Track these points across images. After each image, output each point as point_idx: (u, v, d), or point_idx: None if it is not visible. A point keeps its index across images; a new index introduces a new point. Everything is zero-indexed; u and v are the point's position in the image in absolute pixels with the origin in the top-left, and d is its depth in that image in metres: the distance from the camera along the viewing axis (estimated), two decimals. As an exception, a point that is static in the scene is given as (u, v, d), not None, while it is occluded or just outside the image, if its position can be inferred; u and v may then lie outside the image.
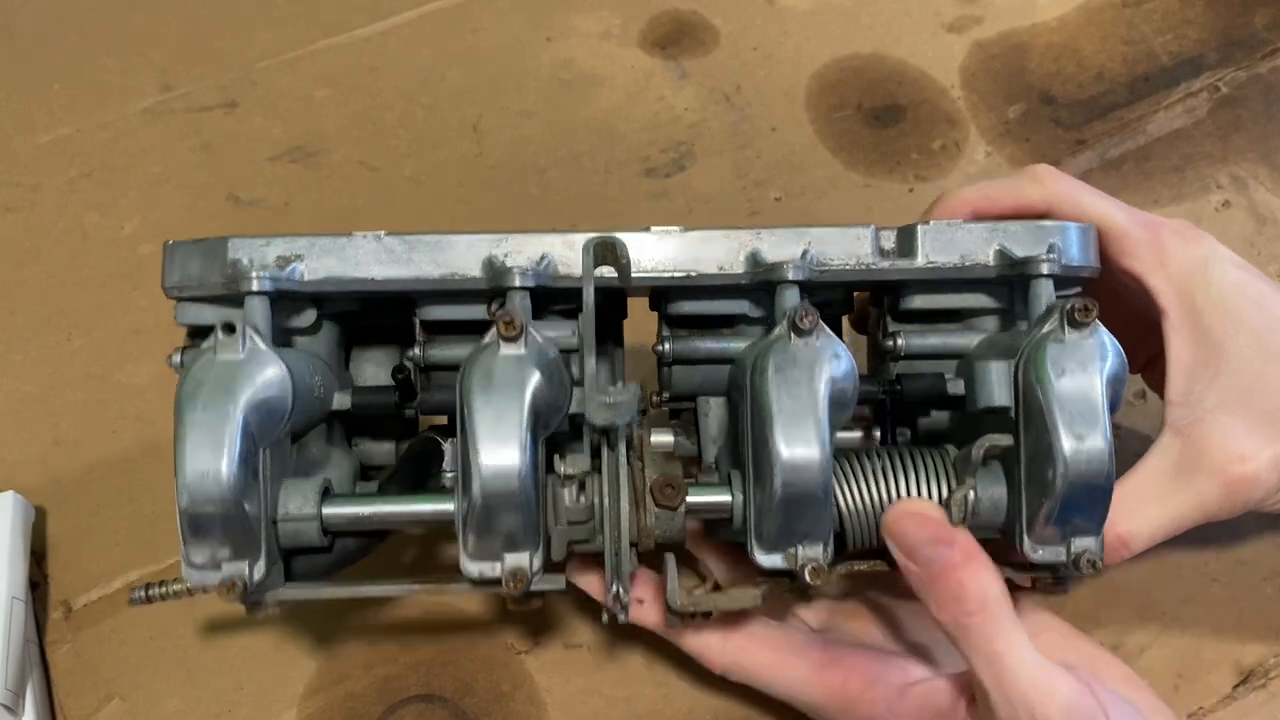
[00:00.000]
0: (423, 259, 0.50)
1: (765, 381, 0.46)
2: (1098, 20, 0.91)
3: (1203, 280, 0.53)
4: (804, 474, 0.46)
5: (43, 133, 0.88)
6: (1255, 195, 0.79)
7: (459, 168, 0.85)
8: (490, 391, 0.45)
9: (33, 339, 0.76)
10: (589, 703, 0.60)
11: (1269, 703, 0.59)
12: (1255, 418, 0.51)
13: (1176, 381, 0.53)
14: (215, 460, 0.44)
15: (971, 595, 0.45)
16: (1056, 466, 0.45)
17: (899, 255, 0.51)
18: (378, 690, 0.61)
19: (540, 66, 0.91)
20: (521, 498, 0.45)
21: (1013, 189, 0.56)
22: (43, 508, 0.68)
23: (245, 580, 0.47)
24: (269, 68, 0.91)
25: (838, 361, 0.47)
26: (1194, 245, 0.53)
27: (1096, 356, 0.46)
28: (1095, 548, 0.47)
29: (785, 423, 0.46)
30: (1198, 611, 0.61)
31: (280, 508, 0.48)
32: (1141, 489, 0.52)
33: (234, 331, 0.46)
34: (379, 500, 0.50)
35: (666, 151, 0.85)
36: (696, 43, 0.92)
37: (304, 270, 0.50)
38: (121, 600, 0.65)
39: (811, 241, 0.51)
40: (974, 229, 0.52)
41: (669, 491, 0.48)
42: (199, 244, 0.50)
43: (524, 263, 0.50)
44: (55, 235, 0.82)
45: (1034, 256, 0.50)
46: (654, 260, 0.51)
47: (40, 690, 0.61)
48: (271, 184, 0.84)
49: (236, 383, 0.45)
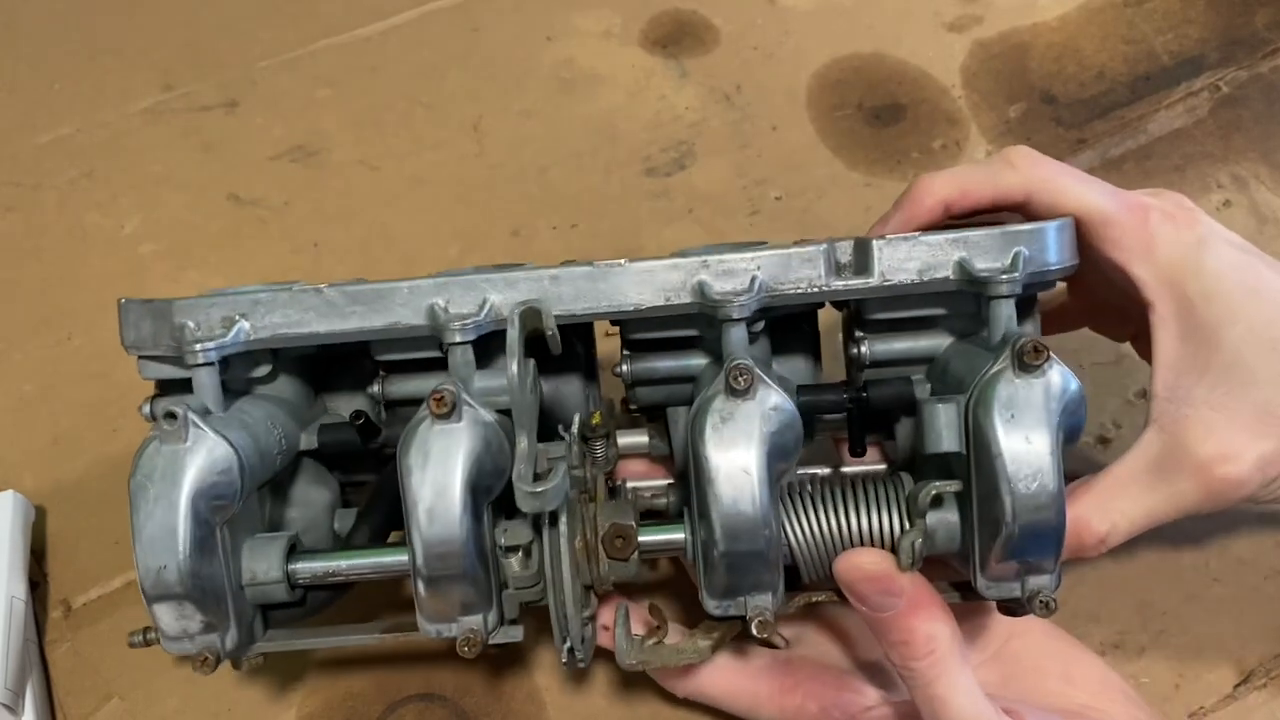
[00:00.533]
0: (365, 311, 0.49)
1: (703, 443, 0.46)
2: (1099, 20, 0.91)
3: (1194, 268, 0.49)
4: (744, 536, 0.46)
5: (43, 132, 0.88)
6: (1256, 195, 0.79)
7: (459, 167, 0.85)
8: (426, 469, 0.46)
9: (33, 338, 0.76)
10: (588, 702, 0.60)
11: (1269, 702, 0.59)
12: (1244, 414, 0.49)
13: (1162, 376, 0.50)
14: (170, 554, 0.46)
15: (919, 641, 0.46)
16: (1005, 513, 0.44)
17: (854, 273, 0.49)
18: (378, 689, 0.61)
19: (541, 66, 0.91)
20: (465, 570, 0.47)
21: (988, 177, 0.52)
22: (42, 507, 0.68)
23: (218, 651, 0.49)
24: (269, 67, 0.91)
25: (776, 414, 0.46)
26: (1185, 229, 0.50)
27: (1047, 399, 0.44)
28: (1050, 586, 0.47)
29: (723, 485, 0.46)
30: (1198, 611, 0.61)
31: (246, 573, 0.50)
32: (1120, 485, 0.51)
33: (177, 419, 0.46)
34: (343, 556, 0.51)
35: (667, 151, 0.85)
36: (697, 42, 0.92)
37: (249, 329, 0.49)
38: (121, 599, 0.65)
39: (761, 267, 0.49)
40: (933, 241, 0.48)
41: (619, 544, 0.49)
42: (147, 306, 0.51)
43: (465, 310, 0.49)
44: (56, 234, 0.82)
45: (994, 274, 0.47)
46: (599, 296, 0.49)
47: (40, 689, 0.61)
48: (272, 183, 0.84)
49: (183, 473, 0.46)
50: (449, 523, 0.46)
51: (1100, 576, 0.62)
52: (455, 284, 0.49)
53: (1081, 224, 0.51)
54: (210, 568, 0.47)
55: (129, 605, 0.65)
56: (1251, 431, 0.48)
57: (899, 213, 0.53)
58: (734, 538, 0.46)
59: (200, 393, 0.49)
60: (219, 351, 0.49)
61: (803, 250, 0.49)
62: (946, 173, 0.52)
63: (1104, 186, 0.51)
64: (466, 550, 0.46)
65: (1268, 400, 0.48)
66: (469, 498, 0.46)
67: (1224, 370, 0.49)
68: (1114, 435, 0.67)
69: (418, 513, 0.46)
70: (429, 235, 0.81)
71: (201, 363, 0.49)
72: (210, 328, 0.49)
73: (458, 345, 0.49)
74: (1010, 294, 0.47)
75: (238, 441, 0.48)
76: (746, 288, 0.48)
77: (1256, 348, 0.48)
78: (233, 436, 0.48)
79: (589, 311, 0.49)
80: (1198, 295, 0.49)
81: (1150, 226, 0.50)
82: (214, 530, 0.47)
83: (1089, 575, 0.62)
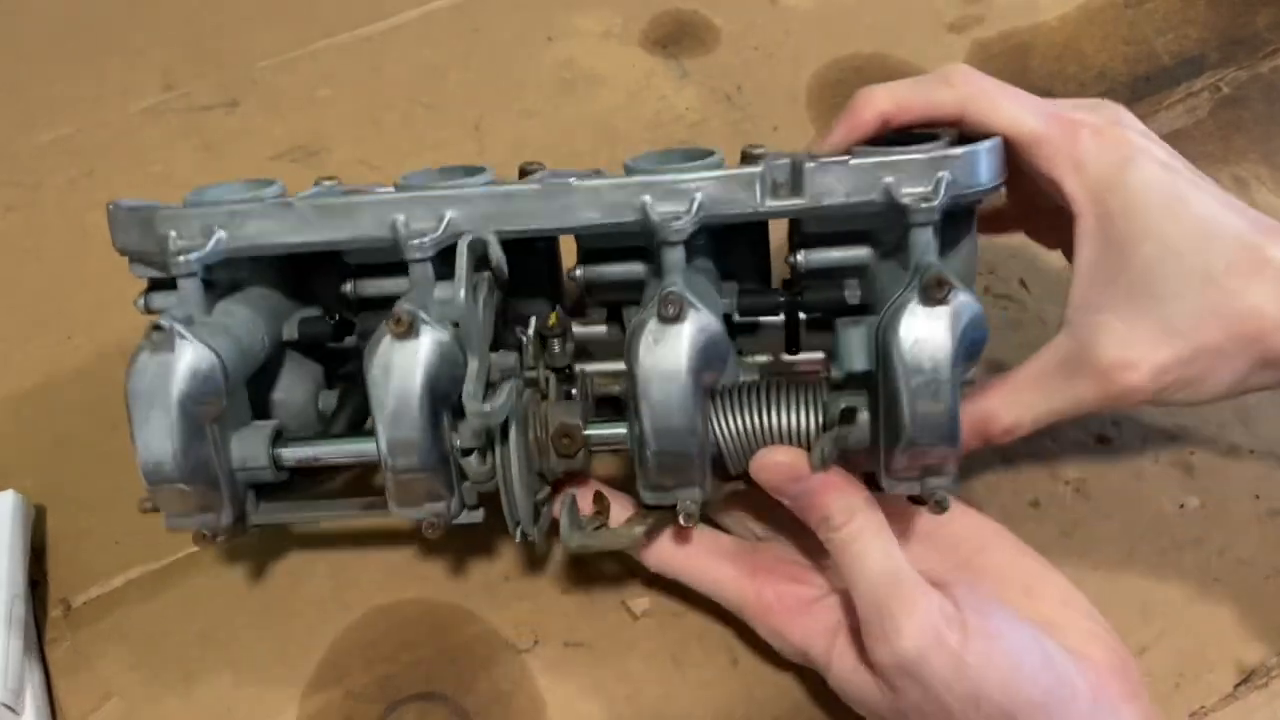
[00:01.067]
0: (333, 223, 0.54)
1: (636, 362, 0.51)
2: (1099, 20, 0.91)
3: (1119, 184, 0.51)
4: (672, 439, 0.51)
5: (44, 132, 0.88)
6: (1257, 195, 0.79)
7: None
8: (388, 382, 0.51)
9: (33, 337, 0.76)
10: (589, 701, 0.60)
11: (1271, 702, 0.59)
12: (1146, 326, 0.51)
13: (1079, 284, 0.53)
14: (165, 450, 0.52)
15: (835, 513, 0.51)
16: (904, 429, 0.49)
17: (789, 193, 0.52)
18: (378, 689, 0.61)
19: (541, 66, 0.91)
20: (426, 465, 0.52)
21: (925, 93, 0.54)
22: (42, 506, 0.68)
23: (215, 528, 0.55)
24: (270, 67, 0.91)
25: (703, 334, 0.51)
26: (1113, 147, 0.52)
27: (948, 326, 0.48)
28: (946, 484, 0.51)
29: (654, 400, 0.51)
30: (1199, 611, 0.61)
31: (236, 460, 0.55)
32: (1028, 382, 0.54)
33: (163, 330, 0.51)
34: (324, 443, 0.57)
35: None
36: (698, 42, 0.92)
37: (226, 239, 0.54)
38: (121, 598, 0.65)
39: (701, 189, 0.52)
40: (862, 165, 0.51)
41: (565, 442, 0.55)
42: (133, 213, 0.55)
43: (424, 226, 0.53)
44: (56, 234, 0.82)
45: (914, 201, 0.50)
46: (549, 214, 0.53)
47: (39, 688, 0.61)
48: (272, 183, 0.84)
49: (171, 380, 0.51)
50: (410, 428, 0.51)
51: (1101, 576, 0.62)
52: (416, 201, 0.53)
53: (1012, 142, 0.53)
54: (202, 458, 0.53)
55: (129, 604, 0.65)
56: (1152, 342, 0.51)
57: (840, 126, 0.55)
58: (663, 440, 0.51)
59: (185, 300, 0.54)
60: (200, 261, 0.53)
61: (741, 173, 0.52)
62: (885, 87, 0.55)
63: (1037, 104, 0.53)
64: (426, 451, 0.52)
65: (1170, 314, 0.51)
66: (428, 406, 0.51)
67: (1133, 283, 0.51)
68: (1113, 435, 0.68)
69: (382, 416, 0.51)
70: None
71: (184, 273, 0.53)
72: (191, 236, 0.53)
73: (417, 262, 0.53)
74: (927, 221, 0.51)
75: (220, 347, 0.52)
76: (686, 209, 0.52)
77: (1165, 264, 0.51)
78: (215, 343, 0.52)
79: (540, 228, 0.53)
80: (1118, 210, 0.51)
81: (1080, 143, 0.52)
82: (203, 425, 0.53)
83: (1089, 575, 0.62)
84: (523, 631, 0.63)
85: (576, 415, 0.55)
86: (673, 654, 0.61)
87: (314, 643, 0.63)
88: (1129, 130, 0.53)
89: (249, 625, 0.63)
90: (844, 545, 0.51)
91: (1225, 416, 0.68)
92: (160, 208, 0.54)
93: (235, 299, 0.57)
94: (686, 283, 0.52)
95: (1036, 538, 0.63)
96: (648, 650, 0.62)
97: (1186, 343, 0.51)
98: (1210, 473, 0.66)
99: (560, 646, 0.62)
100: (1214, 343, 0.51)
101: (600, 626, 0.63)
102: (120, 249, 0.56)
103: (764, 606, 0.56)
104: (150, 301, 0.57)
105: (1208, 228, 0.51)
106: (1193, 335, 0.51)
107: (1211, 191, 0.52)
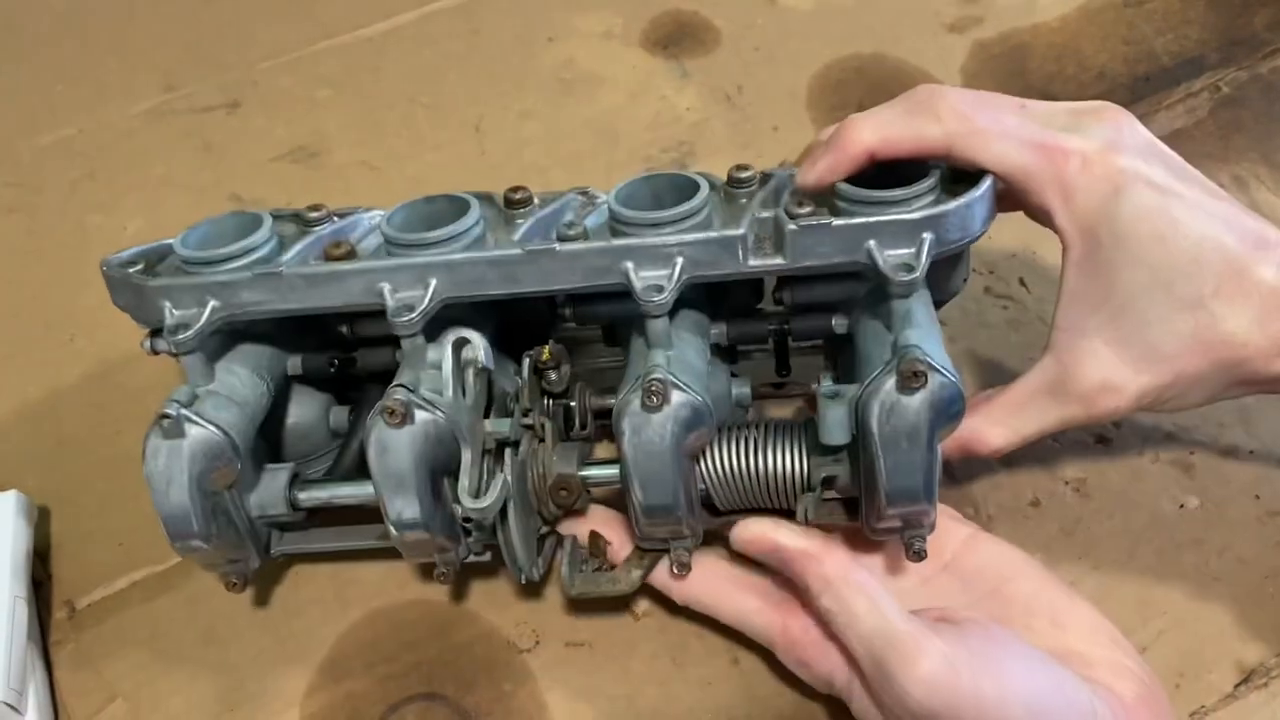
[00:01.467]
0: (322, 291, 0.54)
1: (623, 441, 0.52)
2: (1098, 20, 0.91)
3: (1108, 215, 0.51)
4: (662, 508, 0.54)
5: (45, 133, 0.88)
6: (1256, 195, 0.79)
7: (460, 168, 0.85)
8: (386, 463, 0.52)
9: (36, 340, 0.76)
10: (590, 701, 0.61)
11: (1270, 702, 0.59)
12: (1131, 351, 0.53)
13: (1064, 308, 0.54)
14: (187, 524, 0.54)
15: (813, 581, 0.52)
16: (880, 496, 0.51)
17: (772, 250, 0.53)
18: (379, 689, 0.61)
19: (541, 66, 0.91)
20: (430, 530, 0.54)
21: (912, 128, 0.53)
22: (46, 507, 0.68)
23: (244, 574, 0.58)
24: (271, 68, 0.92)
25: (686, 411, 0.52)
26: (1103, 178, 0.51)
27: (925, 410, 0.49)
28: (923, 537, 0.53)
29: (642, 475, 0.53)
30: (1198, 611, 0.61)
31: (255, 508, 0.57)
32: (1015, 403, 0.56)
33: (172, 418, 0.52)
34: (340, 485, 0.59)
35: (668, 151, 0.85)
36: (698, 43, 0.92)
37: (219, 307, 0.55)
38: (125, 600, 0.65)
39: (683, 254, 0.52)
40: (846, 226, 0.51)
41: (563, 494, 0.56)
42: (126, 282, 0.56)
43: (410, 295, 0.53)
44: (58, 236, 0.82)
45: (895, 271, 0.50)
46: (533, 278, 0.53)
47: (43, 690, 0.61)
48: (273, 184, 0.84)
49: (184, 463, 0.53)
50: (411, 503, 0.53)
51: (1101, 576, 0.62)
52: (401, 269, 0.53)
53: (1002, 177, 0.53)
54: (223, 520, 0.55)
55: (133, 606, 0.65)
56: (1135, 367, 0.53)
57: (825, 158, 0.54)
58: (653, 507, 0.54)
59: (189, 374, 0.55)
60: (197, 336, 0.54)
61: (724, 236, 0.52)
62: (873, 121, 0.54)
63: (1025, 134, 0.53)
64: (429, 518, 0.53)
65: (1155, 340, 0.52)
66: (426, 480, 0.53)
67: (1119, 310, 0.52)
68: (1113, 435, 0.68)
69: (384, 493, 0.53)
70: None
71: (184, 351, 0.54)
72: (186, 306, 0.55)
73: (407, 337, 0.53)
74: (907, 294, 0.51)
75: (227, 422, 0.54)
76: (668, 274, 0.52)
77: (1152, 292, 0.52)
78: (222, 418, 0.54)
79: (524, 291, 0.54)
80: (1107, 238, 0.52)
81: (1068, 177, 0.52)
82: (221, 495, 0.55)
83: (1089, 575, 0.62)
84: (523, 632, 0.63)
85: (574, 462, 0.56)
86: (673, 654, 0.62)
87: (315, 643, 0.63)
88: (1122, 155, 0.52)
89: (251, 626, 0.63)
90: (829, 613, 0.52)
91: (1225, 416, 0.68)
92: (149, 281, 0.55)
93: (234, 357, 0.58)
94: (670, 343, 0.54)
95: (1036, 538, 0.63)
96: (648, 650, 0.62)
97: (1169, 368, 0.52)
98: (1210, 473, 0.66)
99: (561, 647, 0.62)
100: (1195, 369, 0.52)
101: (601, 626, 0.63)
102: (120, 307, 0.58)
103: (790, 639, 0.56)
104: (155, 345, 0.58)
105: (1197, 252, 0.51)
106: (1175, 362, 0.52)
107: (1205, 205, 0.52)
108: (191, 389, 0.55)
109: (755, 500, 0.56)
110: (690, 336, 0.56)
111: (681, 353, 0.55)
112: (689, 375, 0.53)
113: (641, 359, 0.54)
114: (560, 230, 0.54)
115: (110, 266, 0.58)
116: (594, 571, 0.59)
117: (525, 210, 0.58)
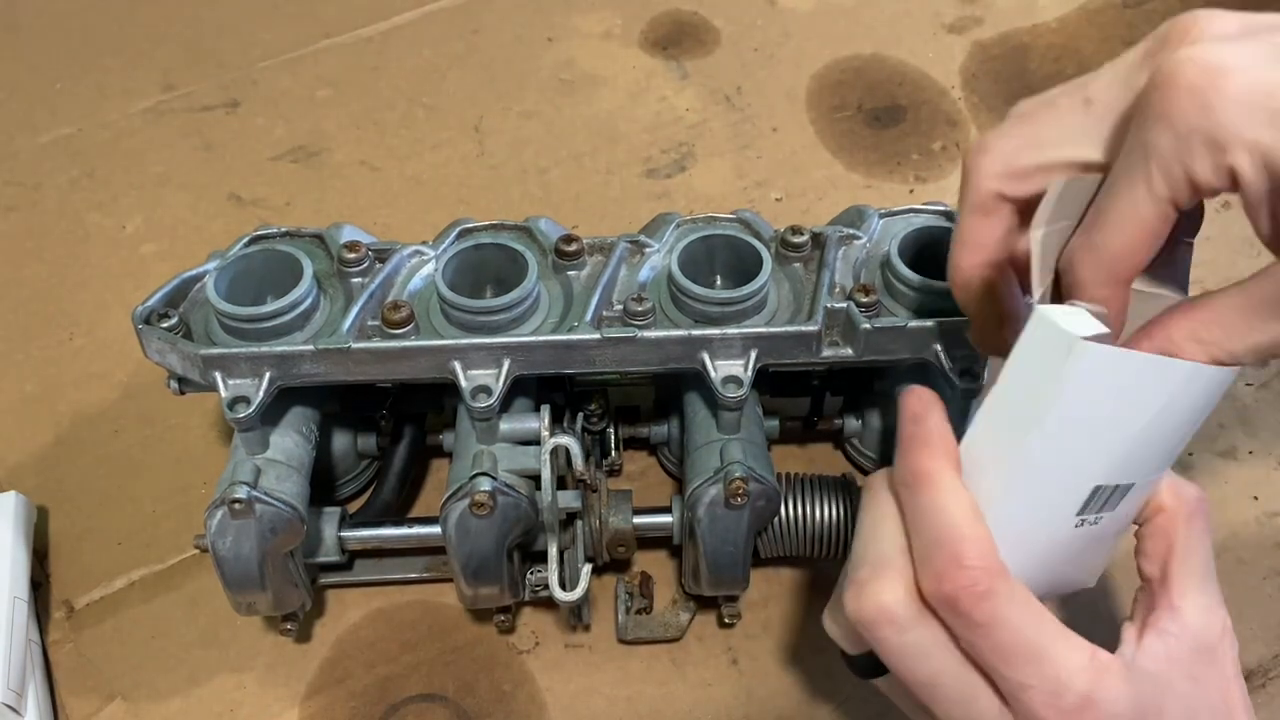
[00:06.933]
0: (388, 366, 0.54)
1: (700, 530, 0.55)
2: (1098, 21, 0.91)
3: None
4: (727, 578, 0.57)
5: (44, 132, 0.88)
6: (1255, 196, 0.79)
7: (460, 168, 0.85)
8: (467, 546, 0.54)
9: (35, 338, 0.76)
10: (590, 702, 0.61)
11: (1269, 703, 0.59)
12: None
13: None
14: (254, 592, 0.55)
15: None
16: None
17: (841, 343, 0.54)
18: (379, 689, 0.61)
19: (541, 67, 0.91)
20: (499, 593, 0.57)
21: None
22: (45, 507, 0.68)
23: (299, 618, 0.60)
24: (271, 67, 0.92)
25: (766, 505, 0.55)
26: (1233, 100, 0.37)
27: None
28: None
29: (712, 555, 0.55)
30: (1198, 611, 0.61)
31: (307, 554, 0.58)
32: (1233, 312, 0.43)
33: (242, 503, 0.52)
34: (388, 526, 0.60)
35: (668, 152, 0.85)
36: (697, 43, 0.92)
37: (276, 376, 0.53)
38: (124, 600, 0.65)
39: (758, 347, 0.54)
40: (920, 332, 0.53)
41: (621, 550, 0.59)
42: (171, 345, 0.53)
43: (484, 376, 0.53)
44: (57, 234, 0.82)
45: (951, 374, 0.53)
46: (610, 360, 0.54)
47: (42, 690, 0.61)
48: (273, 184, 0.84)
49: (254, 541, 0.53)
50: (490, 582, 0.56)
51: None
52: (474, 348, 0.53)
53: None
54: (283, 585, 0.56)
55: (132, 606, 0.65)
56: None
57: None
58: (718, 577, 0.57)
59: (246, 445, 0.54)
60: (258, 413, 0.53)
61: (800, 332, 0.53)
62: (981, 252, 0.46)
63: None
64: (503, 585, 0.57)
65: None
66: (503, 557, 0.55)
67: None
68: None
69: (463, 575, 0.55)
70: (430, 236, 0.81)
71: (244, 429, 0.53)
72: (240, 376, 0.53)
73: (482, 419, 0.54)
74: (965, 394, 0.53)
75: (294, 495, 0.54)
76: (743, 365, 0.54)
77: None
78: (289, 491, 0.54)
79: (600, 372, 0.55)
80: None
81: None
82: (285, 559, 0.56)
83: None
84: (523, 632, 0.63)
85: (628, 516, 0.59)
86: (672, 654, 0.62)
87: (315, 643, 0.63)
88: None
89: (251, 626, 0.63)
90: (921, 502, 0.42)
91: (1225, 417, 0.68)
92: (202, 350, 0.52)
93: (282, 430, 0.56)
94: (740, 426, 0.56)
95: (1036, 539, 0.63)
96: (648, 650, 0.62)
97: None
98: (1210, 473, 0.66)
99: (561, 647, 0.62)
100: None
101: (601, 627, 0.63)
102: (153, 359, 0.55)
103: None
104: (184, 388, 0.57)
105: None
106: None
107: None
108: (253, 463, 0.54)
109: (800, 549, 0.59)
110: (752, 410, 0.58)
111: (751, 435, 0.57)
112: (760, 461, 0.55)
113: (703, 431, 0.57)
114: (629, 305, 0.54)
115: (144, 323, 0.54)
116: (638, 613, 0.62)
117: (577, 262, 0.57)
